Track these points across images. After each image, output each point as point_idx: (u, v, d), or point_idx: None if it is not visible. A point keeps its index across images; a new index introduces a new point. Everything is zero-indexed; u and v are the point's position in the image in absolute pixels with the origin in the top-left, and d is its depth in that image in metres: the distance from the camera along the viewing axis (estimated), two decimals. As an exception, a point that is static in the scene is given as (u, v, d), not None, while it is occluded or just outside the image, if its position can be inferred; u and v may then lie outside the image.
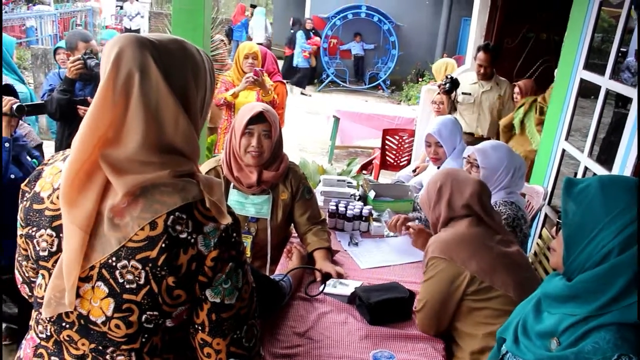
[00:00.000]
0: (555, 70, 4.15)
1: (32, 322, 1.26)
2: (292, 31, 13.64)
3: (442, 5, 13.46)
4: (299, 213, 2.59)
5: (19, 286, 1.32)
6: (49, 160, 1.24)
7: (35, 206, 1.15)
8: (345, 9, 13.64)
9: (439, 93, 4.97)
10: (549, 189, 3.77)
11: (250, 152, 2.43)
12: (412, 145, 6.17)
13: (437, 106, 4.90)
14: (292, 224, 2.68)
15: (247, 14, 14.73)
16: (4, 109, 2.46)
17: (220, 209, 1.12)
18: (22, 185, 1.23)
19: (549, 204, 3.79)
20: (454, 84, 4.68)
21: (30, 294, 1.26)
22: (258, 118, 2.42)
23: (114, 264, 1.07)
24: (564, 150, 3.70)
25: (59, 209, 1.10)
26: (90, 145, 1.06)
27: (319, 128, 8.84)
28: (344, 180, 3.27)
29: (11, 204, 2.52)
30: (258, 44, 12.05)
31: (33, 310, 1.24)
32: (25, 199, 1.20)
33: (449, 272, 1.97)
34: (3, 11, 12.73)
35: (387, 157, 6.17)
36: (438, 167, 3.38)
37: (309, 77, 13.22)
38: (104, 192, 1.08)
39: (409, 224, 2.69)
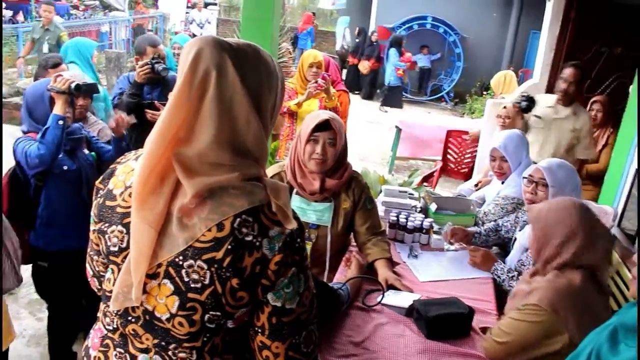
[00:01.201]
0: (630, 87, 3.98)
1: (99, 314, 1.30)
2: (357, 40, 13.63)
3: (510, 18, 13.17)
4: (360, 222, 2.58)
5: (89, 279, 1.36)
6: (122, 159, 1.28)
7: (108, 203, 1.19)
8: (410, 20, 13.56)
9: (504, 107, 4.85)
10: (619, 210, 3.62)
11: (314, 159, 2.45)
12: (475, 149, 6.09)
13: (503, 120, 4.77)
14: (352, 233, 2.67)
15: (314, 23, 14.86)
16: (63, 87, 2.60)
17: (286, 213, 1.13)
18: (97, 182, 1.27)
19: (618, 225, 3.63)
20: (531, 101, 4.23)
21: (99, 287, 1.30)
22: (324, 126, 2.43)
23: (180, 262, 1.09)
24: (637, 170, 3.54)
25: (130, 207, 1.14)
26: (163, 143, 1.09)
27: (380, 138, 8.81)
28: (406, 192, 3.24)
29: (60, 193, 2.71)
30: (335, 52, 12.10)
31: (101, 303, 1.28)
32: (99, 195, 1.24)
33: (549, 326, 1.87)
34: (82, 17, 13.37)
35: (449, 160, 6.10)
36: (502, 182, 3.30)
37: (399, 95, 12.82)
38: (174, 192, 1.10)
39: (471, 248, 2.71)
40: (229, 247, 1.07)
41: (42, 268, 2.80)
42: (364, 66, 12.96)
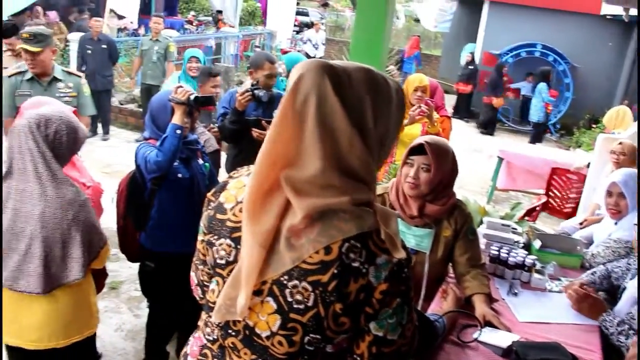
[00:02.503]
0: None
1: (200, 323, 1.33)
2: (470, 67, 13.28)
3: (628, 49, 12.45)
4: (460, 252, 2.49)
5: (192, 287, 1.39)
6: (234, 173, 1.31)
7: (219, 216, 1.22)
8: (519, 47, 13.14)
9: (620, 143, 4.57)
10: None
11: (408, 182, 2.40)
12: (580, 190, 5.76)
13: (617, 157, 4.50)
14: (451, 263, 2.59)
15: (421, 47, 14.72)
16: (183, 98, 2.72)
17: (395, 241, 1.10)
18: (209, 194, 1.30)
19: None
20: None
21: (201, 296, 1.33)
22: (419, 150, 2.39)
23: (285, 282, 1.09)
24: None
25: (239, 222, 1.15)
26: (269, 163, 1.10)
27: (480, 166, 8.57)
28: (509, 226, 3.10)
29: (172, 198, 2.82)
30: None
31: (203, 312, 1.31)
32: (210, 207, 1.26)
33: None
34: (196, 31, 14.06)
35: (551, 199, 5.82)
36: (615, 223, 3.09)
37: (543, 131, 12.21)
38: (285, 211, 1.11)
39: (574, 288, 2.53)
40: (335, 271, 1.06)
41: (149, 268, 2.94)
42: (499, 102, 12.41)
